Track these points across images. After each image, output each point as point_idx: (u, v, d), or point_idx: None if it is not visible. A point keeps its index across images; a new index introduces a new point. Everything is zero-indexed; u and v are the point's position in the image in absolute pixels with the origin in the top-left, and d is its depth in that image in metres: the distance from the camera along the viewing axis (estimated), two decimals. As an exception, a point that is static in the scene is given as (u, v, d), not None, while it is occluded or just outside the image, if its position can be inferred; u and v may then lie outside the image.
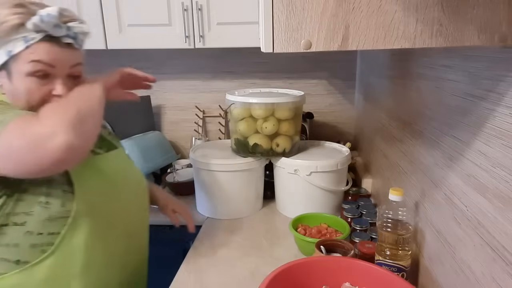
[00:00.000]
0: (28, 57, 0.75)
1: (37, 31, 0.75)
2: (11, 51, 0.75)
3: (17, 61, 0.76)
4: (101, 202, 0.85)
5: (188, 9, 1.51)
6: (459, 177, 0.71)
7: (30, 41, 0.75)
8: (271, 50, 0.53)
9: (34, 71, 0.76)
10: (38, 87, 0.78)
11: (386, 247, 0.86)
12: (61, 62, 0.78)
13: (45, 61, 0.76)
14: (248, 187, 1.36)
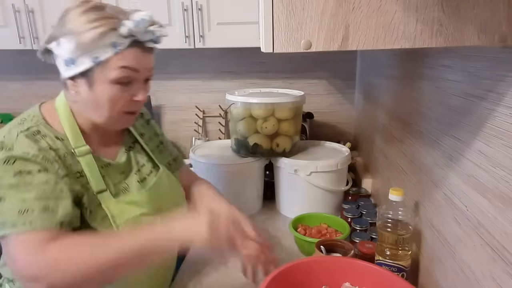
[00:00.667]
0: (117, 63, 0.74)
1: (127, 37, 0.73)
2: (98, 58, 0.73)
3: (104, 68, 0.74)
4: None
5: (188, 9, 1.51)
6: (459, 177, 0.71)
7: (119, 46, 0.73)
8: (271, 50, 0.53)
9: (121, 77, 0.75)
10: (121, 94, 0.77)
11: (386, 247, 0.86)
12: (143, 67, 0.78)
13: (132, 66, 0.75)
14: (248, 187, 1.36)
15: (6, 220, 0.68)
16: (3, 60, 1.98)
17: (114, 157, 0.87)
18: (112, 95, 0.76)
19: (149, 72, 0.81)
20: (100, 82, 0.75)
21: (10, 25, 1.58)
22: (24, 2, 1.55)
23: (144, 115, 1.02)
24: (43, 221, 0.69)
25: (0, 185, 0.69)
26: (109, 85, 0.75)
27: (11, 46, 1.61)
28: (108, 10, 0.75)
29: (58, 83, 0.82)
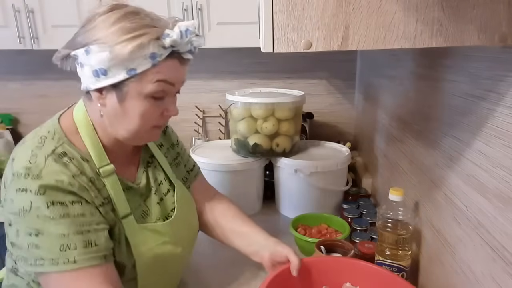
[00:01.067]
0: (154, 76, 0.67)
1: (166, 48, 0.67)
2: (135, 70, 0.66)
3: (139, 81, 0.67)
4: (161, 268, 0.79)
5: (188, 9, 1.51)
6: (459, 177, 0.71)
7: (158, 58, 0.66)
8: (271, 50, 0.53)
9: (157, 91, 0.69)
10: (154, 108, 0.71)
11: (386, 247, 0.86)
12: (179, 80, 0.72)
13: (169, 80, 0.69)
14: (248, 187, 1.36)
15: (44, 256, 0.63)
16: (3, 60, 1.98)
17: (134, 178, 0.81)
18: (145, 110, 0.70)
19: (182, 85, 0.75)
20: (133, 96, 0.68)
21: (10, 25, 1.58)
22: (24, 2, 1.55)
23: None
24: (87, 258, 0.64)
25: (37, 216, 0.63)
26: (143, 100, 0.69)
27: (11, 46, 1.61)
28: (145, 16, 0.68)
29: (58, 83, 0.80)
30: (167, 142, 0.94)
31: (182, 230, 0.84)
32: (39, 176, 0.64)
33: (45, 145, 0.68)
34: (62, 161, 0.67)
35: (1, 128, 1.89)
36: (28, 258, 0.64)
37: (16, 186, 0.64)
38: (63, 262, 0.63)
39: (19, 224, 0.64)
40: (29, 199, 0.63)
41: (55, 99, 1.97)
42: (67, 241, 0.63)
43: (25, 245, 0.64)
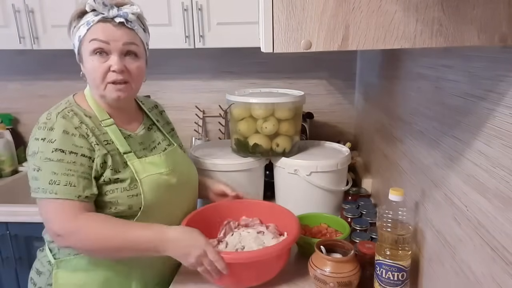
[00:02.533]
0: (89, 37, 0.90)
1: (95, 15, 0.89)
2: (80, 36, 0.91)
3: (83, 44, 0.91)
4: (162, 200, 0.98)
5: (188, 9, 1.51)
6: (459, 177, 0.71)
7: (91, 23, 0.89)
8: (271, 50, 0.53)
9: (94, 49, 0.90)
10: (99, 64, 0.91)
11: (386, 247, 0.86)
12: (114, 39, 0.90)
13: (100, 38, 0.89)
14: (248, 187, 1.36)
15: (39, 186, 0.86)
16: (3, 60, 1.98)
17: (134, 131, 1.03)
18: (93, 66, 0.91)
19: (126, 46, 0.92)
20: (85, 57, 0.92)
21: (10, 25, 1.58)
22: (24, 2, 1.55)
23: (158, 107, 1.19)
24: (65, 193, 0.86)
25: (40, 157, 0.86)
26: (89, 57, 0.91)
27: (11, 46, 1.61)
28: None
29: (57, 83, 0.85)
30: (163, 120, 1.17)
31: (177, 164, 1.05)
32: (52, 128, 0.89)
33: (58, 107, 0.94)
34: (68, 116, 0.92)
35: (1, 128, 1.89)
36: (31, 187, 0.88)
37: (33, 136, 0.90)
38: (49, 192, 0.86)
39: (30, 162, 0.89)
40: (38, 145, 0.87)
41: (55, 99, 1.95)
42: (55, 178, 0.86)
43: (30, 177, 0.88)
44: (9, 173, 1.84)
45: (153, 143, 1.06)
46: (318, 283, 0.91)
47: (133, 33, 0.94)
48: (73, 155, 0.88)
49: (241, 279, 0.93)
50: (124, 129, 1.00)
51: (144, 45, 0.99)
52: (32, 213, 1.46)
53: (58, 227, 0.87)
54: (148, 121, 1.09)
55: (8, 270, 1.57)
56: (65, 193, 0.86)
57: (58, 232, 0.87)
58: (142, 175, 0.95)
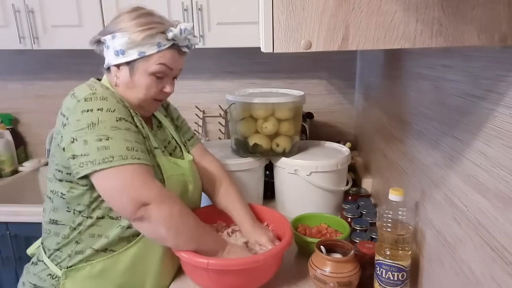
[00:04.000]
0: (158, 59, 0.91)
1: (169, 40, 0.91)
2: (144, 52, 0.89)
3: (146, 61, 0.91)
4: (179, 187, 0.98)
5: (188, 9, 1.51)
6: (459, 177, 0.71)
7: (162, 47, 0.90)
8: (271, 50, 0.53)
9: (158, 72, 0.92)
10: (155, 84, 0.93)
11: (386, 247, 0.86)
12: (176, 67, 0.95)
13: (168, 65, 0.92)
14: (248, 187, 1.36)
15: (113, 155, 0.80)
16: (3, 60, 1.98)
17: (151, 129, 1.03)
18: (148, 84, 0.92)
19: (179, 72, 0.98)
20: (141, 72, 0.91)
21: (10, 25, 1.58)
22: (24, 2, 1.55)
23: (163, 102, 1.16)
24: (146, 159, 0.85)
25: (105, 127, 0.81)
26: (148, 76, 0.92)
27: (11, 46, 1.61)
28: (157, 17, 0.93)
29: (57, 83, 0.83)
30: (168, 115, 1.16)
31: (194, 173, 1.07)
32: (105, 98, 0.85)
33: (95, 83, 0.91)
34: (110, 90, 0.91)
35: (1, 128, 1.89)
36: (96, 159, 0.80)
37: (81, 108, 0.82)
38: (131, 157, 0.81)
39: (88, 135, 0.81)
40: (96, 115, 0.82)
41: (55, 99, 1.97)
42: (131, 145, 0.83)
43: (93, 149, 0.80)
44: (9, 173, 1.84)
45: (165, 142, 1.06)
46: (318, 283, 0.91)
47: (184, 60, 0.98)
48: (133, 125, 0.88)
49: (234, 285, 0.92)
50: (147, 126, 0.98)
51: None
52: (32, 213, 1.47)
53: (153, 194, 0.81)
54: (155, 120, 1.08)
55: (8, 270, 1.57)
56: (146, 159, 0.84)
57: (147, 199, 0.81)
58: (168, 173, 0.94)
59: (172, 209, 0.84)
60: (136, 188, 0.81)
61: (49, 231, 0.92)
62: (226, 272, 0.88)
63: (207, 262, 0.85)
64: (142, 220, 0.82)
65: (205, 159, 1.17)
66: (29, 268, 0.96)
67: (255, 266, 0.88)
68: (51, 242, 0.91)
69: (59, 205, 0.89)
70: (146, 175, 0.83)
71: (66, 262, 0.89)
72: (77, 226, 0.88)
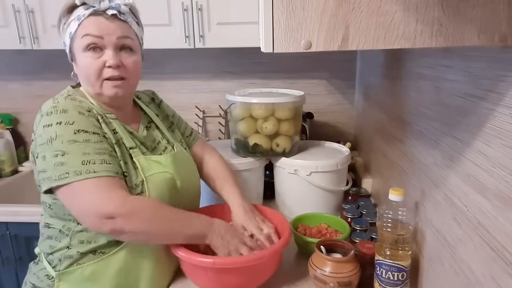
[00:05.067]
0: (81, 33, 0.85)
1: (86, 9, 0.84)
2: (71, 32, 0.86)
3: (75, 40, 0.86)
4: (165, 201, 0.91)
5: (188, 9, 1.51)
6: (459, 177, 0.71)
7: (82, 18, 0.84)
8: (271, 50, 0.53)
9: (87, 45, 0.85)
10: (93, 60, 0.86)
11: (386, 247, 0.86)
12: (107, 32, 0.86)
13: (93, 33, 0.84)
14: (248, 187, 1.36)
15: (69, 171, 0.77)
16: (3, 60, 1.98)
17: (136, 130, 0.99)
18: (87, 63, 0.86)
19: (120, 40, 0.88)
20: (78, 55, 0.87)
21: (10, 25, 1.58)
22: (24, 2, 1.55)
23: (155, 99, 1.13)
24: (105, 171, 0.80)
25: (62, 142, 0.79)
26: (82, 54, 0.86)
27: (11, 46, 1.61)
28: None
29: (57, 83, 0.84)
30: (161, 113, 1.12)
31: (180, 167, 0.99)
32: (65, 111, 0.82)
33: (62, 94, 0.89)
34: (76, 99, 0.87)
35: (1, 128, 1.89)
36: (53, 175, 0.78)
37: (43, 123, 0.81)
38: (85, 172, 0.78)
39: (46, 151, 0.79)
40: (55, 130, 0.79)
41: (55, 99, 1.97)
42: (88, 158, 0.79)
43: (51, 165, 0.78)
44: (9, 173, 1.84)
45: (154, 142, 1.00)
46: (318, 283, 0.91)
47: (127, 26, 0.89)
48: (96, 135, 0.83)
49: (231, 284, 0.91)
50: (127, 126, 0.95)
51: (139, 39, 0.94)
52: (32, 213, 1.47)
53: (113, 206, 0.77)
54: (145, 118, 1.04)
55: (8, 270, 1.57)
56: (105, 170, 0.80)
57: (111, 212, 0.77)
58: (148, 172, 0.89)
59: (140, 217, 0.80)
60: (95, 204, 0.78)
61: (44, 234, 0.92)
62: (225, 271, 0.88)
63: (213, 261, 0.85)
64: (117, 234, 0.80)
65: (206, 152, 1.17)
66: (32, 267, 0.96)
67: (257, 263, 0.88)
68: (45, 246, 0.91)
69: (50, 213, 0.89)
70: (106, 187, 0.79)
71: (59, 265, 0.89)
72: (67, 232, 0.87)
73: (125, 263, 0.88)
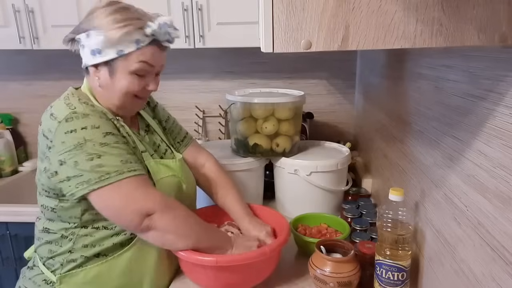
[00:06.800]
0: (138, 57, 0.86)
1: (148, 36, 0.86)
2: (122, 51, 0.85)
3: (126, 60, 0.86)
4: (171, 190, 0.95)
5: (188, 9, 1.51)
6: (459, 177, 0.71)
7: (141, 43, 0.85)
8: (271, 50, 0.53)
9: (139, 70, 0.87)
10: (137, 83, 0.89)
11: (386, 247, 0.86)
12: (158, 63, 0.90)
13: (149, 62, 0.88)
14: (248, 187, 1.36)
15: (109, 171, 0.79)
16: (3, 60, 1.98)
17: (139, 134, 1.00)
18: (129, 84, 0.88)
19: (161, 68, 0.93)
20: (122, 72, 0.87)
21: (10, 25, 1.58)
22: (24, 2, 1.55)
23: (150, 103, 1.13)
24: (141, 169, 0.84)
25: (93, 145, 0.79)
26: (128, 75, 0.87)
27: (11, 46, 1.61)
28: (133, 11, 0.87)
29: (57, 83, 0.83)
30: (155, 117, 1.12)
31: (186, 171, 1.04)
32: (86, 115, 0.82)
33: (71, 98, 0.87)
34: (89, 104, 0.88)
35: (1, 128, 1.89)
36: (91, 178, 0.78)
37: (64, 130, 0.80)
38: (127, 171, 0.80)
39: (77, 156, 0.79)
40: (82, 135, 0.79)
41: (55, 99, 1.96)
42: (125, 158, 0.82)
43: (86, 169, 0.78)
44: (9, 173, 1.84)
45: (154, 145, 1.02)
46: (318, 283, 0.91)
47: (165, 54, 0.93)
48: (121, 137, 0.86)
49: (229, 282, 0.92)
50: (134, 130, 0.97)
51: None
52: (32, 213, 1.47)
53: (153, 203, 0.80)
54: (143, 123, 1.05)
55: (8, 270, 1.57)
56: (141, 169, 0.83)
57: (151, 209, 0.80)
58: (158, 176, 0.92)
59: (176, 214, 0.84)
60: (137, 201, 0.80)
61: (42, 239, 0.91)
62: (225, 269, 0.88)
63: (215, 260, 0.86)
64: (149, 230, 0.82)
65: (200, 157, 1.15)
66: (25, 272, 0.95)
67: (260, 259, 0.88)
68: (44, 250, 0.90)
69: (51, 217, 0.89)
70: (145, 185, 0.82)
71: (60, 269, 0.88)
72: (70, 236, 0.87)
73: (128, 265, 0.89)
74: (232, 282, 0.91)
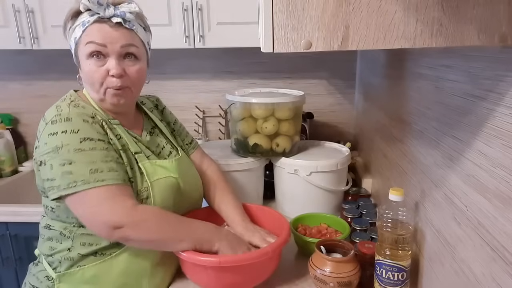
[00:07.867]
0: (85, 39, 0.84)
1: (91, 15, 0.84)
2: (76, 37, 0.85)
3: (79, 46, 0.86)
4: (170, 204, 0.93)
5: (188, 9, 1.51)
6: (459, 177, 0.71)
7: (86, 24, 0.84)
8: (271, 50, 0.53)
9: (90, 52, 0.84)
10: (96, 68, 0.85)
11: (386, 247, 0.86)
12: (111, 41, 0.85)
13: (96, 41, 0.84)
14: (248, 187, 1.36)
15: (76, 179, 0.78)
16: (3, 60, 1.98)
17: (139, 135, 0.99)
18: (90, 69, 0.85)
19: (124, 48, 0.87)
20: (82, 61, 0.87)
21: (10, 25, 1.58)
22: (24, 2, 1.55)
23: (158, 106, 1.13)
24: (113, 179, 0.80)
25: (68, 150, 0.79)
26: (86, 61, 0.86)
27: (11, 46, 1.61)
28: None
29: (57, 83, 0.84)
30: (163, 119, 1.12)
31: (185, 171, 1.01)
32: (69, 119, 0.81)
33: (65, 101, 0.87)
34: (79, 106, 0.87)
35: (1, 128, 1.89)
36: (61, 184, 0.78)
37: (48, 132, 0.81)
38: (94, 181, 0.78)
39: (53, 160, 0.79)
40: (60, 139, 0.79)
41: (55, 99, 1.95)
42: (95, 166, 0.79)
43: (58, 174, 0.78)
44: (9, 173, 1.84)
45: (158, 147, 1.01)
46: (318, 283, 0.91)
47: (132, 34, 0.88)
48: (102, 142, 0.83)
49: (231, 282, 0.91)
50: (131, 131, 0.96)
51: (145, 45, 0.93)
52: (32, 213, 1.47)
53: (120, 216, 0.78)
54: (148, 124, 1.04)
55: (8, 270, 1.57)
56: (112, 179, 0.80)
57: (118, 222, 0.78)
58: (153, 178, 0.90)
59: (147, 224, 0.82)
60: (103, 214, 0.79)
61: (44, 236, 0.92)
62: (227, 270, 0.88)
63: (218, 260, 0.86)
64: (126, 241, 0.83)
65: (204, 163, 1.16)
66: (31, 268, 0.96)
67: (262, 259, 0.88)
68: (45, 247, 0.91)
69: (52, 215, 0.89)
70: (113, 196, 0.80)
71: (59, 267, 0.88)
72: (69, 234, 0.87)
73: (126, 265, 0.88)
74: (233, 282, 0.91)
